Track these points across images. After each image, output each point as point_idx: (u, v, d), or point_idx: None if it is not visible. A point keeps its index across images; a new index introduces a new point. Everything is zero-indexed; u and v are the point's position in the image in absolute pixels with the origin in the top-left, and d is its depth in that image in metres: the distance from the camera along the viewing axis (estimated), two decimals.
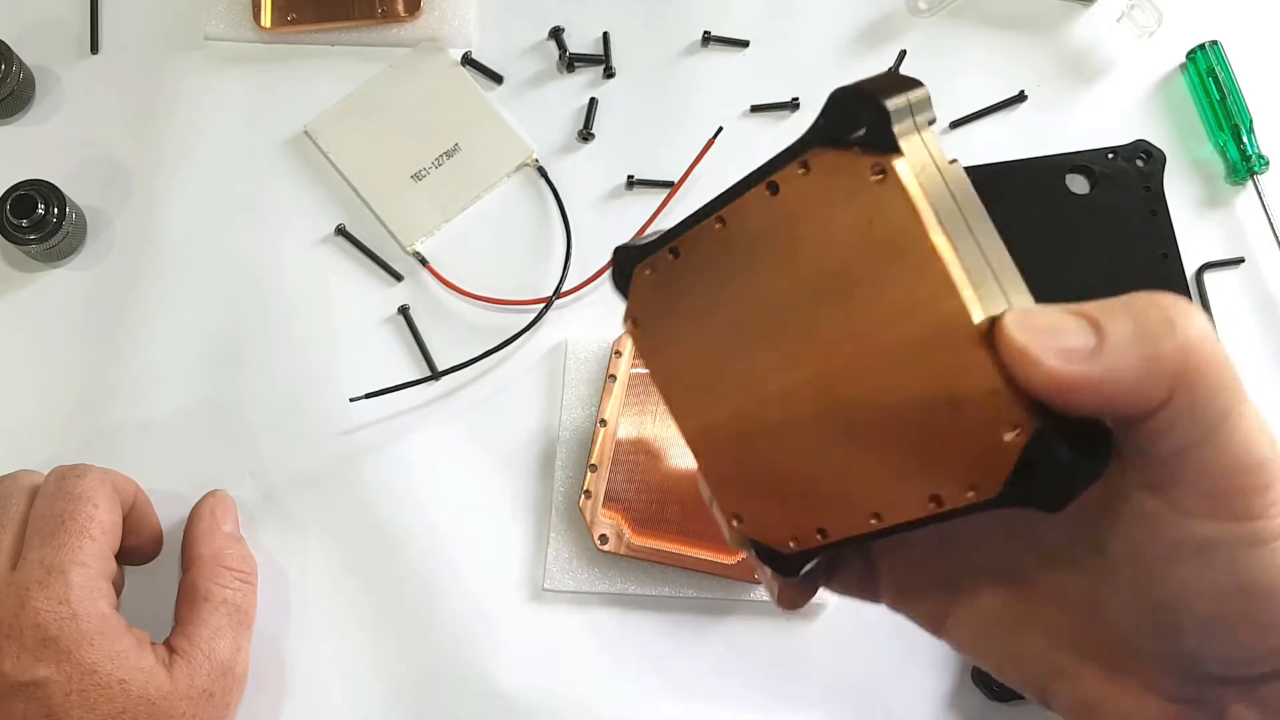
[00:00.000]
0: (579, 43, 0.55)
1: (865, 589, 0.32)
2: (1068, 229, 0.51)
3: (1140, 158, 0.53)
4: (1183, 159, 0.54)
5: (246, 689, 0.44)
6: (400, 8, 0.54)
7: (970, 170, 0.56)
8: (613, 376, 0.49)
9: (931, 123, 0.25)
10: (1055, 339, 0.22)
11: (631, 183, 0.53)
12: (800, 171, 0.26)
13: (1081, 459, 0.22)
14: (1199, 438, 0.23)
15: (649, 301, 0.30)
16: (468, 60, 0.54)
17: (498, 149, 0.53)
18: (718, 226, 0.28)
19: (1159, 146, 0.53)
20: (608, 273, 0.51)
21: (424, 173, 0.52)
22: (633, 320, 0.30)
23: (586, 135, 0.53)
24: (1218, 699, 0.25)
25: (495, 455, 0.50)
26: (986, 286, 0.23)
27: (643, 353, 0.31)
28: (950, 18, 0.56)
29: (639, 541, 0.47)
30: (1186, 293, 0.52)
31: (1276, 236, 0.52)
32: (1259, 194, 0.52)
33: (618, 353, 0.49)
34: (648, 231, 0.28)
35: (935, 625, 0.31)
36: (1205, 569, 0.23)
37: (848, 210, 0.25)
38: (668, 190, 0.52)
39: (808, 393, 0.26)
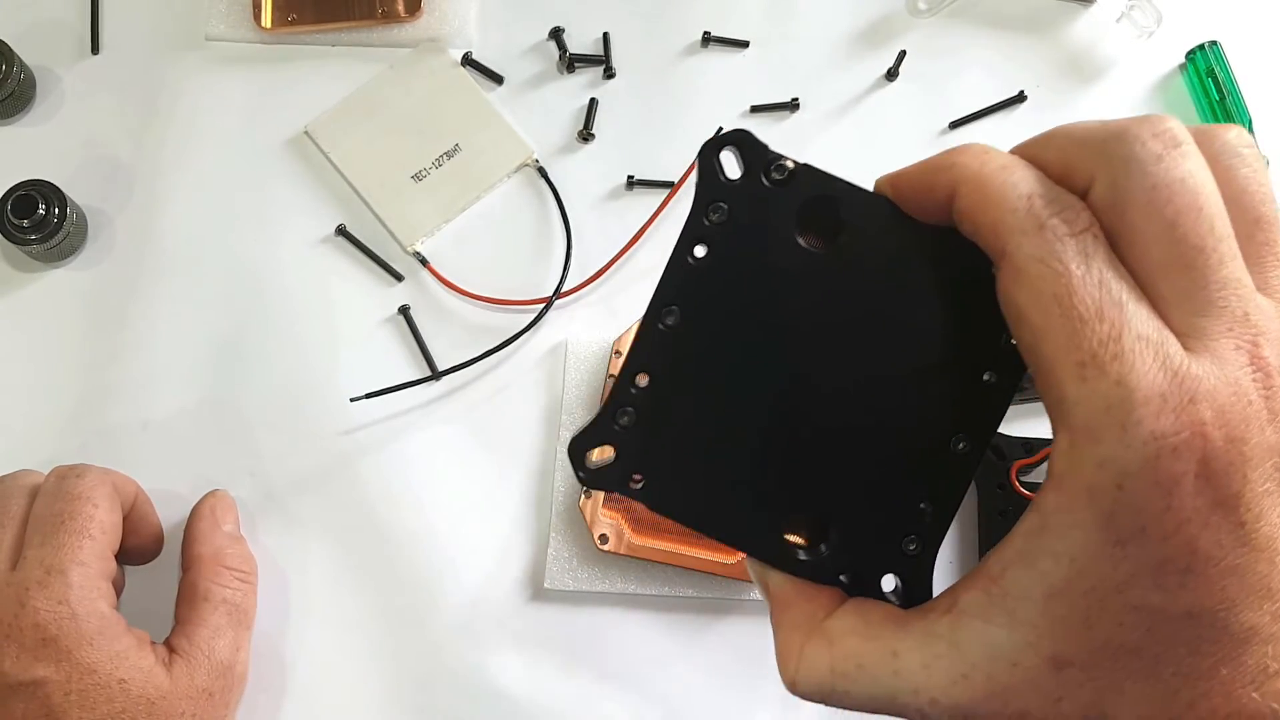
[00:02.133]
0: (579, 43, 0.55)
1: None
2: None
3: None
4: None
5: (246, 689, 0.45)
6: (400, 8, 0.54)
7: None
8: (613, 376, 0.49)
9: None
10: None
11: (631, 183, 0.53)
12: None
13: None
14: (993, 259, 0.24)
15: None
16: (468, 60, 0.54)
17: (498, 149, 0.53)
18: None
19: None
20: (609, 272, 0.51)
21: (424, 173, 0.52)
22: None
23: (586, 135, 0.53)
24: None
25: (495, 455, 0.50)
26: None
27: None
28: (950, 18, 0.56)
29: (639, 541, 0.47)
30: None
31: None
32: None
33: (618, 353, 0.49)
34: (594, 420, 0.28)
35: None
36: None
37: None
38: (668, 190, 0.52)
39: None
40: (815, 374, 0.27)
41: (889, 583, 0.27)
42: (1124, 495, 0.22)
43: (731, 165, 0.27)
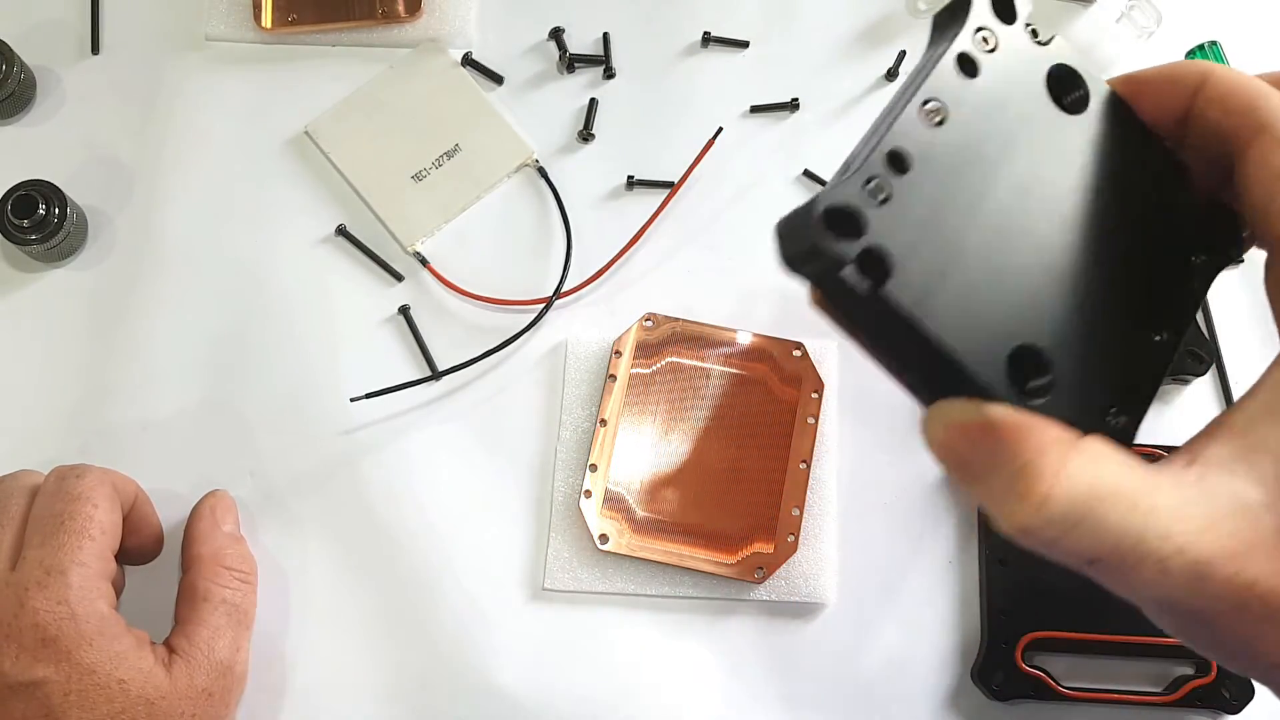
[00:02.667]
0: (579, 43, 0.55)
1: None
2: None
3: None
4: None
5: (246, 689, 0.44)
6: (400, 8, 0.54)
7: None
8: (613, 376, 0.49)
9: None
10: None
11: (631, 183, 0.53)
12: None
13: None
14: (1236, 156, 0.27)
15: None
16: (468, 61, 0.54)
17: (498, 149, 0.53)
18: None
19: None
20: (609, 272, 0.51)
21: (424, 173, 0.52)
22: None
23: (586, 135, 0.53)
24: None
25: (495, 455, 0.50)
26: None
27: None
28: None
29: (639, 541, 0.47)
30: None
31: None
32: None
33: (618, 353, 0.49)
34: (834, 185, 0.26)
35: None
36: None
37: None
38: (668, 190, 0.52)
39: None
40: (1051, 224, 0.28)
41: None
42: None
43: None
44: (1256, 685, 0.46)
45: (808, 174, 0.53)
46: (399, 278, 0.52)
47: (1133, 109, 0.30)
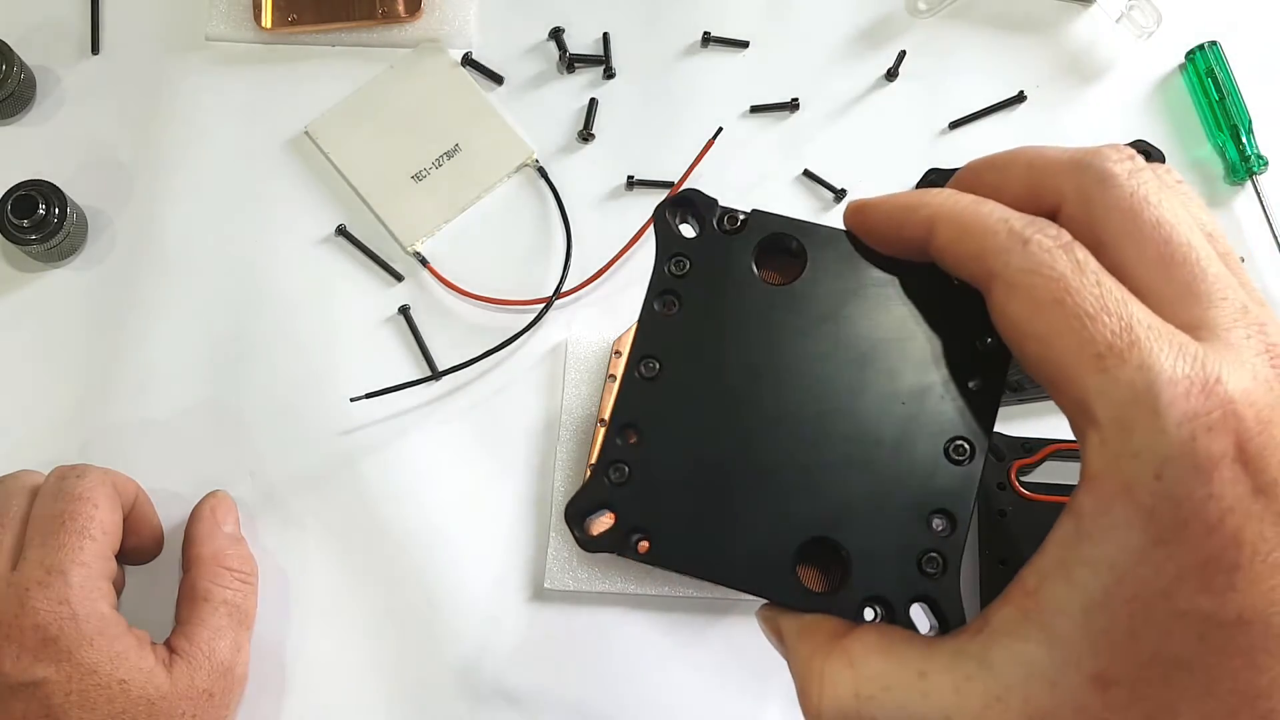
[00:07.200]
0: (579, 43, 0.55)
1: None
2: None
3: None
4: (1181, 159, 0.54)
5: (246, 689, 0.45)
6: (401, 8, 0.54)
7: None
8: (613, 376, 0.49)
9: None
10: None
11: (631, 183, 0.53)
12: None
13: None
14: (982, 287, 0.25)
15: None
16: (468, 61, 0.54)
17: (498, 149, 0.53)
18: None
19: (1158, 147, 0.53)
20: (609, 272, 0.51)
21: (424, 173, 0.52)
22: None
23: (586, 135, 0.53)
24: None
25: (495, 455, 0.50)
26: None
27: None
28: (950, 18, 0.56)
29: None
30: None
31: (1275, 237, 0.52)
32: (1258, 194, 0.53)
33: (618, 353, 0.49)
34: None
35: None
36: None
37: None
38: (668, 190, 0.52)
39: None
40: (801, 405, 0.28)
41: (923, 621, 0.27)
42: (1163, 485, 0.21)
43: (687, 225, 0.29)
44: None
45: (808, 174, 0.53)
46: (399, 278, 0.52)
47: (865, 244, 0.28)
